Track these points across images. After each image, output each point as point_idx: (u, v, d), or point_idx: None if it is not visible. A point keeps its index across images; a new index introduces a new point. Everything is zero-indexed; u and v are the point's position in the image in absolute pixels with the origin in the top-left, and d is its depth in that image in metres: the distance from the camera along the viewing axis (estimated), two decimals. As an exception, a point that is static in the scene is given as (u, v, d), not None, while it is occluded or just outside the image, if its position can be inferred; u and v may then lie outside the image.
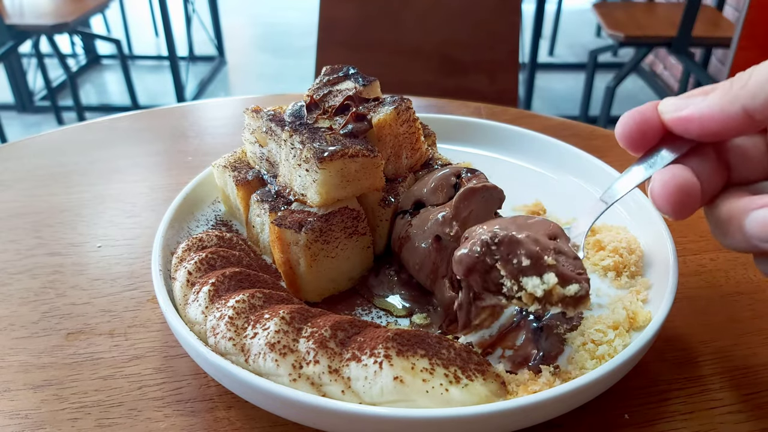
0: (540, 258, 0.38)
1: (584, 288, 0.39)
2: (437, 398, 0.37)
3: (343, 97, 0.57)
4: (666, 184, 0.33)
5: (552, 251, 0.39)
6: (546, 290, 0.38)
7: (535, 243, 0.39)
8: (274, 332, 0.40)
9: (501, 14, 1.24)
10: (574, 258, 0.40)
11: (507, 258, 0.39)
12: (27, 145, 0.85)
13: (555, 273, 0.38)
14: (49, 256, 0.61)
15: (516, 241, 0.39)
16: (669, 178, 0.33)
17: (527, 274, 0.39)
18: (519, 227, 0.41)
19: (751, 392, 0.45)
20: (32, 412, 0.44)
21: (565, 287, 0.38)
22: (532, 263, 0.38)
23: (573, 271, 0.39)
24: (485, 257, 0.40)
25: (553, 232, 0.41)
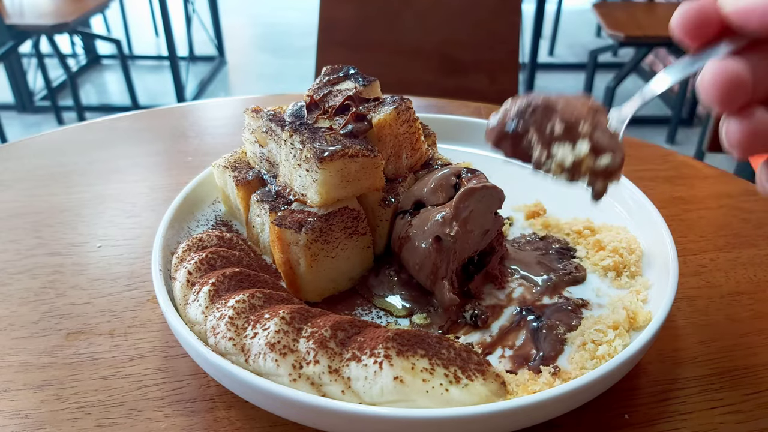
0: (575, 125, 0.37)
1: (617, 160, 0.37)
2: (437, 398, 0.37)
3: (343, 97, 0.57)
4: (716, 72, 0.32)
5: (589, 120, 0.37)
6: (576, 160, 0.37)
7: (572, 110, 0.38)
8: (274, 332, 0.40)
9: (501, 14, 1.24)
10: (610, 135, 0.38)
11: (540, 124, 0.38)
12: (27, 145, 0.85)
13: (588, 141, 0.37)
14: (49, 256, 0.61)
15: (551, 107, 0.38)
16: (720, 67, 0.32)
17: (560, 140, 0.38)
18: (560, 97, 0.40)
19: (752, 392, 0.45)
20: (32, 412, 0.44)
21: (597, 156, 0.37)
22: (565, 130, 0.37)
23: (608, 142, 0.37)
24: (517, 124, 0.39)
25: (594, 105, 0.40)
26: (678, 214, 0.68)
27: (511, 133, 0.40)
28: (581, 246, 0.58)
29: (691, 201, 0.71)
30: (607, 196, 0.63)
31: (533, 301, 0.52)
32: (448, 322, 0.49)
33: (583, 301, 0.51)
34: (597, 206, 0.63)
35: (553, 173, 0.38)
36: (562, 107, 0.38)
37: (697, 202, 0.71)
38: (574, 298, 0.52)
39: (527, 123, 0.39)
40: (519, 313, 0.50)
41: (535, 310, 0.50)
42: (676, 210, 0.69)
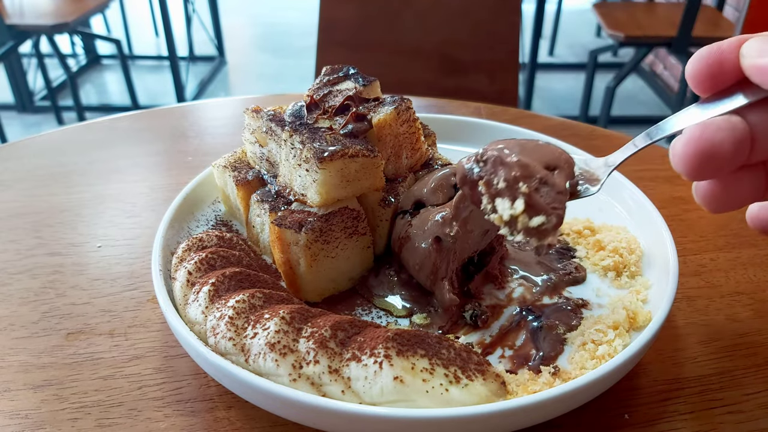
0: (515, 183, 0.39)
1: (550, 222, 0.38)
2: (437, 398, 0.37)
3: (343, 97, 0.57)
4: (690, 141, 0.30)
5: (536, 180, 0.39)
6: (513, 216, 0.38)
7: (521, 168, 0.39)
8: (274, 332, 0.40)
9: (501, 14, 1.24)
10: (558, 192, 0.39)
11: (489, 176, 0.40)
12: (27, 145, 0.85)
13: (525, 201, 0.38)
14: (49, 256, 0.61)
15: (501, 162, 0.40)
16: (696, 135, 0.30)
17: (501, 195, 0.39)
18: (522, 150, 0.40)
19: (752, 392, 0.45)
20: (32, 412, 0.44)
21: (531, 217, 0.38)
22: (507, 186, 0.39)
23: (549, 204, 0.38)
24: (473, 171, 0.41)
25: (553, 162, 0.41)
26: (678, 214, 0.68)
27: (468, 178, 0.42)
28: (581, 246, 0.58)
29: (691, 201, 0.71)
30: (608, 197, 0.64)
31: (533, 301, 0.52)
32: (448, 322, 0.49)
33: (583, 301, 0.51)
34: (597, 206, 0.63)
35: (497, 224, 0.40)
36: (517, 161, 0.39)
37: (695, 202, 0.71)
38: (574, 298, 0.52)
39: (480, 172, 0.41)
40: (519, 313, 0.50)
41: (535, 310, 0.50)
42: (676, 210, 0.69)
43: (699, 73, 0.33)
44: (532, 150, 0.41)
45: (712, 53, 0.32)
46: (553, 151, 0.42)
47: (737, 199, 0.35)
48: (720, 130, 0.31)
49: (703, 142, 0.31)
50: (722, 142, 0.31)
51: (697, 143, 0.31)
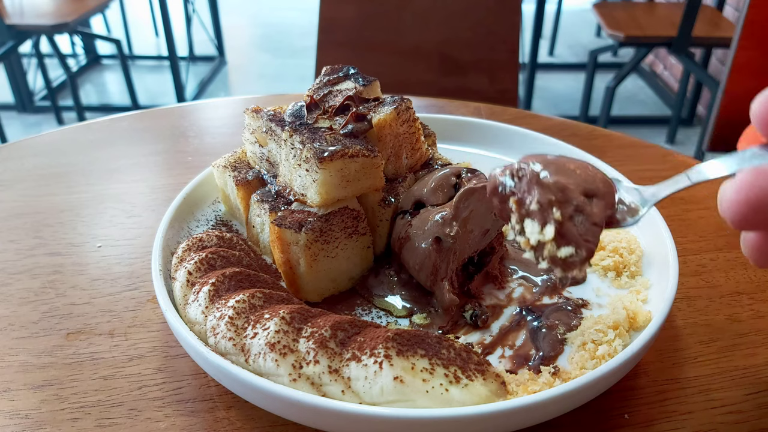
0: (549, 207, 0.36)
1: (579, 255, 0.36)
2: (437, 398, 0.37)
3: (343, 97, 0.57)
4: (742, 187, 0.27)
5: (571, 206, 0.36)
6: (540, 241, 0.36)
7: (558, 191, 0.36)
8: (274, 332, 0.40)
9: (501, 14, 1.24)
10: (593, 223, 0.36)
11: (522, 195, 0.38)
12: (27, 145, 0.85)
13: (556, 228, 0.35)
14: (49, 256, 0.61)
15: (537, 182, 0.37)
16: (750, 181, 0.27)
17: (532, 217, 0.37)
18: (561, 170, 0.38)
19: (751, 392, 0.45)
20: (32, 412, 0.44)
21: (560, 246, 0.36)
22: (539, 209, 0.36)
23: (581, 235, 0.36)
24: (505, 186, 0.38)
25: (593, 188, 0.38)
26: (678, 214, 0.68)
27: (500, 192, 0.39)
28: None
29: (691, 201, 0.71)
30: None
31: (533, 301, 0.52)
32: (449, 322, 0.49)
33: (583, 301, 0.51)
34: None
35: (522, 246, 0.38)
36: (555, 182, 0.37)
37: (697, 202, 0.71)
38: (574, 298, 0.52)
39: (514, 188, 0.38)
40: (519, 313, 0.50)
41: (535, 310, 0.50)
42: (676, 210, 0.69)
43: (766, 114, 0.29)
44: (573, 172, 0.38)
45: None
46: (595, 176, 0.39)
47: None
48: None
49: (753, 190, 0.27)
50: None
51: (750, 190, 0.27)
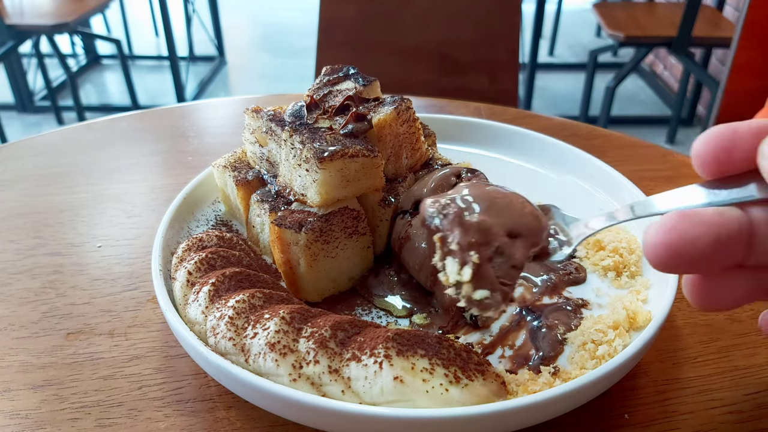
0: (467, 250, 0.36)
1: (494, 299, 0.35)
2: (437, 398, 0.37)
3: (343, 97, 0.57)
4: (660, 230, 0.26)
5: (491, 249, 0.36)
6: (458, 281, 0.36)
7: (478, 234, 0.36)
8: (274, 332, 0.40)
9: (501, 14, 1.24)
10: (512, 266, 0.36)
11: (445, 233, 0.37)
12: (27, 145, 0.85)
13: (472, 270, 0.35)
14: (49, 256, 0.61)
15: (458, 222, 0.36)
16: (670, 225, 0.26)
17: (453, 256, 0.36)
18: (488, 208, 0.37)
19: (752, 392, 0.45)
20: (32, 412, 0.44)
21: (475, 288, 0.36)
22: (459, 251, 0.36)
23: (499, 278, 0.36)
24: (432, 221, 0.37)
25: (519, 228, 0.37)
26: (678, 214, 0.68)
27: (427, 225, 0.38)
28: (581, 246, 0.58)
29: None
30: (607, 197, 0.64)
31: (533, 301, 0.52)
32: (450, 323, 0.49)
33: (583, 301, 0.51)
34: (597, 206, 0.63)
35: (443, 282, 0.37)
36: (477, 223, 0.36)
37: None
38: (574, 298, 0.52)
39: (439, 224, 0.37)
40: (519, 313, 0.50)
41: (535, 310, 0.50)
42: (676, 210, 0.69)
43: (705, 155, 0.28)
44: (501, 210, 0.37)
45: (724, 137, 0.28)
46: (524, 215, 0.38)
47: (728, 300, 0.30)
48: (699, 225, 0.26)
49: (674, 235, 0.26)
50: (696, 239, 0.26)
51: (668, 235, 0.26)
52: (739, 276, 0.29)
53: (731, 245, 0.27)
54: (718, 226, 0.26)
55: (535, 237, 0.38)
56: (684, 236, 0.26)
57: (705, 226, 0.26)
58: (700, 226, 0.26)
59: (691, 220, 0.26)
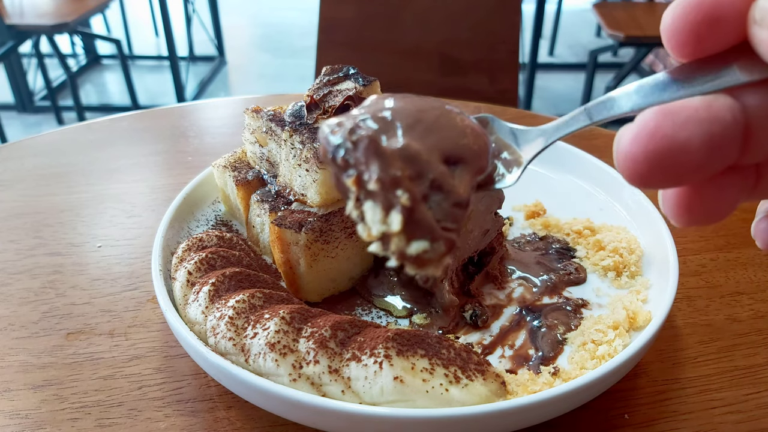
0: (393, 188, 0.25)
1: (435, 250, 0.26)
2: (437, 398, 0.37)
3: (343, 97, 0.57)
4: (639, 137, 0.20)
5: (426, 183, 0.26)
6: (384, 232, 0.26)
7: (406, 161, 0.25)
8: (274, 332, 0.40)
9: (501, 14, 1.24)
10: (454, 204, 0.26)
11: (359, 168, 0.26)
12: (27, 145, 0.85)
13: (403, 216, 0.25)
14: (49, 256, 0.61)
15: (375, 150, 0.25)
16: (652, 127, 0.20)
17: (374, 199, 0.26)
18: (414, 125, 0.26)
19: (752, 392, 0.45)
20: (32, 412, 0.44)
21: (409, 240, 0.26)
22: (381, 189, 0.25)
23: (440, 221, 0.26)
24: (338, 151, 0.26)
25: (458, 151, 0.27)
26: (678, 214, 0.68)
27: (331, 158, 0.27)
28: (581, 246, 0.58)
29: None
30: (607, 197, 0.64)
31: (533, 301, 0.52)
32: (451, 324, 0.49)
33: (583, 301, 0.51)
34: (597, 206, 0.63)
35: (364, 237, 0.27)
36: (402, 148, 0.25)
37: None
38: (574, 298, 0.52)
39: (347, 156, 0.26)
40: (519, 313, 0.50)
41: (535, 310, 0.50)
42: (676, 210, 0.69)
43: (681, 30, 0.21)
44: (431, 128, 0.27)
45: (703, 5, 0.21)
46: (462, 132, 0.27)
47: (719, 211, 0.24)
48: (687, 124, 0.20)
49: (658, 141, 0.20)
50: (687, 144, 0.20)
51: (650, 141, 0.20)
52: (730, 179, 0.23)
53: (727, 144, 0.20)
54: (709, 121, 0.20)
55: (480, 160, 0.28)
56: (671, 141, 0.20)
57: (695, 125, 0.20)
58: (690, 125, 0.20)
59: (676, 118, 0.20)
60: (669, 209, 0.24)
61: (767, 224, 0.26)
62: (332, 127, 0.27)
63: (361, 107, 0.28)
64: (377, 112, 0.27)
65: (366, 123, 0.27)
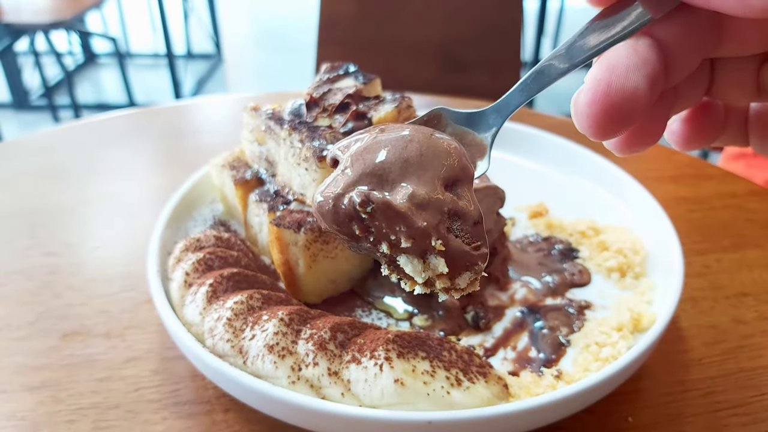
0: (426, 238, 0.26)
1: (477, 271, 0.28)
2: (438, 401, 0.37)
3: (343, 95, 0.56)
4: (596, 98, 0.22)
5: (446, 219, 0.27)
6: (429, 278, 0.28)
7: (422, 209, 0.26)
8: (273, 334, 0.40)
9: (503, 11, 1.23)
10: (474, 223, 0.28)
11: (381, 230, 0.27)
12: (23, 143, 0.84)
13: (444, 259, 0.27)
14: (45, 257, 0.61)
15: (394, 213, 0.26)
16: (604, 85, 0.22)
17: (408, 254, 0.27)
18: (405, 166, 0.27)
19: (756, 394, 0.45)
20: (29, 413, 0.43)
21: (453, 277, 0.27)
22: (414, 245, 0.27)
23: (470, 245, 0.27)
24: (353, 222, 0.27)
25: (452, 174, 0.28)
26: (682, 215, 0.67)
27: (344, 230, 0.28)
28: (585, 247, 0.57)
29: (695, 201, 0.70)
30: (612, 196, 0.63)
31: (536, 303, 0.51)
32: (457, 328, 0.48)
33: (587, 302, 0.51)
34: (601, 206, 0.62)
35: (408, 288, 0.29)
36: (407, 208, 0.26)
37: (701, 202, 0.70)
38: (578, 300, 0.51)
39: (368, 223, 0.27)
40: (522, 314, 0.50)
41: (537, 311, 0.50)
42: (680, 210, 0.68)
43: None
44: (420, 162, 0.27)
45: None
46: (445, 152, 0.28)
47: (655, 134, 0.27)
48: (629, 73, 0.22)
49: (611, 96, 0.22)
50: (637, 87, 0.22)
51: (606, 97, 0.22)
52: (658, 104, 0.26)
53: (659, 78, 0.23)
54: (644, 64, 0.23)
55: (468, 170, 0.29)
56: (623, 92, 0.22)
57: (634, 72, 0.23)
58: (631, 74, 0.23)
59: (619, 70, 0.23)
60: (615, 146, 0.28)
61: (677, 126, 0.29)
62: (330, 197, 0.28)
63: (343, 168, 0.28)
64: (367, 171, 0.28)
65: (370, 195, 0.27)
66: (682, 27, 0.24)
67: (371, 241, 0.28)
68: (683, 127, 0.30)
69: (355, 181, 0.27)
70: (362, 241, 0.28)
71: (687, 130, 0.30)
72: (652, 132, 0.27)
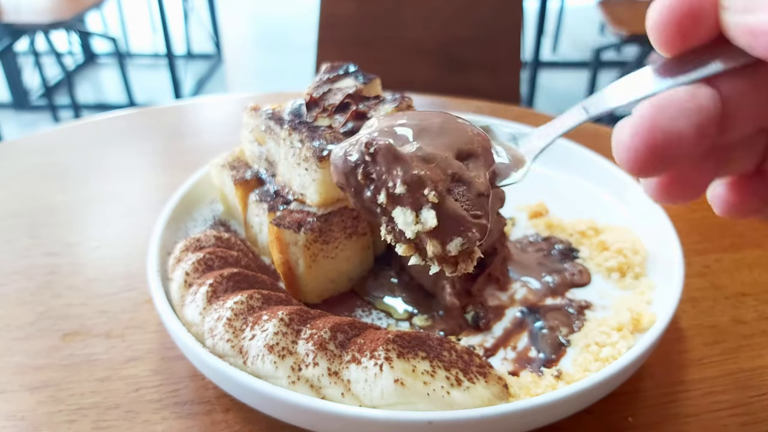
0: (419, 187, 0.27)
1: (471, 240, 0.27)
2: (439, 401, 0.37)
3: (343, 95, 0.56)
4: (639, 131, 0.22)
5: (448, 179, 0.27)
6: (419, 232, 0.28)
7: (425, 162, 0.27)
8: (273, 334, 0.40)
9: (503, 11, 1.23)
10: (477, 194, 0.28)
11: (381, 176, 0.28)
12: (23, 143, 0.84)
13: (435, 211, 0.27)
14: (46, 257, 0.61)
15: (394, 156, 0.27)
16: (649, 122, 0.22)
17: (402, 203, 0.27)
18: (421, 132, 0.29)
19: (757, 394, 0.45)
20: (29, 413, 0.43)
21: (442, 238, 0.27)
22: (408, 191, 0.27)
23: (467, 210, 0.28)
24: (358, 168, 0.28)
25: (467, 147, 0.29)
26: (682, 215, 0.67)
27: (351, 178, 0.29)
28: (585, 247, 0.57)
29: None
30: (612, 197, 0.63)
31: (536, 303, 0.51)
32: (457, 328, 0.48)
33: (587, 302, 0.51)
34: (601, 206, 0.62)
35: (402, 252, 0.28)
36: (410, 154, 0.27)
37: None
38: (578, 300, 0.51)
39: (369, 169, 0.28)
40: (522, 314, 0.50)
41: (537, 311, 0.50)
42: (680, 210, 0.68)
43: (668, 26, 0.24)
44: (440, 131, 0.29)
45: (686, 1, 0.23)
46: (465, 130, 0.30)
47: (698, 188, 0.27)
48: (681, 115, 0.22)
49: (655, 134, 0.22)
50: (682, 132, 0.22)
51: (650, 134, 0.22)
52: (707, 159, 0.26)
53: (711, 129, 0.23)
54: (697, 111, 0.23)
55: (488, 153, 0.30)
56: (668, 133, 0.22)
57: (685, 116, 0.22)
58: (681, 118, 0.22)
59: (669, 111, 0.23)
60: (654, 191, 0.28)
61: (723, 190, 0.29)
62: (344, 148, 0.29)
63: (366, 128, 0.31)
64: (384, 129, 0.29)
65: (377, 140, 0.28)
66: (749, 85, 0.23)
67: (372, 191, 0.28)
68: (728, 191, 0.29)
69: (369, 134, 0.29)
70: (364, 192, 0.29)
71: (731, 196, 0.29)
72: (695, 186, 0.27)
